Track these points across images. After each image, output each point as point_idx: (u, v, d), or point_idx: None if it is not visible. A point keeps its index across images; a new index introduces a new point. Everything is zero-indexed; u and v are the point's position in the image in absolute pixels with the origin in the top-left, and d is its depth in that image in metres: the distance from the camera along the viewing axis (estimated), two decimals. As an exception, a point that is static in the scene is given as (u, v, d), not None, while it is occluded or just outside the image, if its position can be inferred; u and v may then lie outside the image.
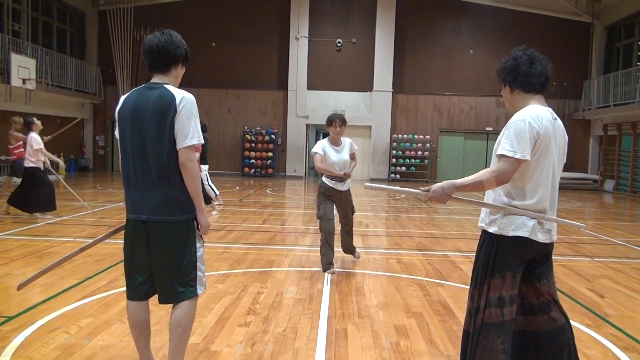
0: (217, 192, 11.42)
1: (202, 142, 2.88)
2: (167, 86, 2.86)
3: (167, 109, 2.77)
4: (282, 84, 21.73)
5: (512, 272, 2.68)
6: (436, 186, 2.74)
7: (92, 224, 8.64)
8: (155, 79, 2.93)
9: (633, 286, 5.65)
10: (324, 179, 5.86)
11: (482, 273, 2.75)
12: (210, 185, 11.15)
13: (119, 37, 20.98)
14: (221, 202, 11.52)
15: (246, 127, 21.75)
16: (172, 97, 2.79)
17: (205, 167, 11.10)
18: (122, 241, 2.95)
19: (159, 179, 2.80)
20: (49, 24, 19.82)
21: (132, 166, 2.85)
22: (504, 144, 2.60)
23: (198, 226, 2.94)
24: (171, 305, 2.92)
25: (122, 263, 3.01)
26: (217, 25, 21.75)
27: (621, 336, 4.06)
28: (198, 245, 2.95)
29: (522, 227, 2.65)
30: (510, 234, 2.66)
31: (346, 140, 5.88)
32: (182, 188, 2.83)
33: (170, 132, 2.77)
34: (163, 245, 2.84)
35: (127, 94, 2.96)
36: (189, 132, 2.79)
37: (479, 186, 2.65)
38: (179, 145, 2.78)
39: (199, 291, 2.95)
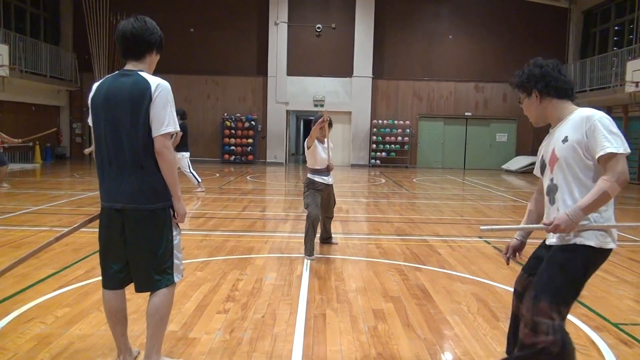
0: (200, 180, 11.37)
1: (178, 129, 2.87)
2: (141, 73, 2.83)
3: (142, 96, 2.74)
4: (262, 69, 21.57)
5: None
6: (560, 217, 2.50)
7: (70, 212, 8.54)
8: (129, 66, 2.90)
9: (605, 267, 5.74)
10: (311, 176, 6.05)
11: (572, 291, 2.55)
12: (192, 173, 11.10)
13: (94, 23, 20.58)
14: (204, 190, 11.47)
15: (226, 114, 21.59)
16: (147, 85, 2.76)
17: (186, 154, 11.03)
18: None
19: (134, 167, 2.78)
20: (22, 8, 19.35)
21: (107, 154, 2.82)
22: (605, 143, 2.40)
23: (174, 214, 2.93)
24: (149, 293, 2.92)
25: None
26: (196, 11, 21.46)
27: (592, 316, 4.16)
28: (174, 233, 2.95)
29: (614, 239, 2.56)
30: (608, 246, 2.54)
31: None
32: (157, 176, 2.82)
33: (145, 119, 2.75)
34: (139, 233, 2.82)
35: (100, 80, 2.92)
36: (165, 119, 2.77)
37: (605, 197, 2.43)
38: (155, 133, 2.76)
39: (175, 279, 2.95)
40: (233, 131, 21.50)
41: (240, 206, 9.76)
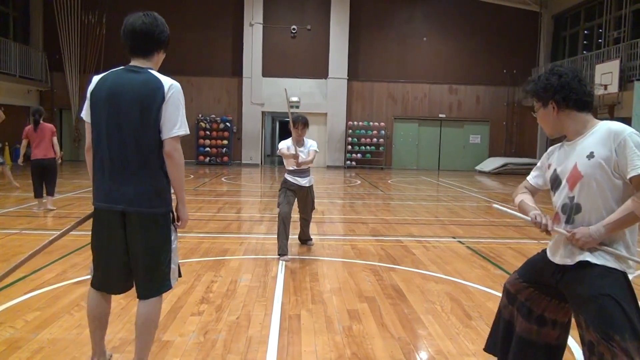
0: None
1: (189, 132, 2.78)
2: (152, 71, 2.74)
3: (154, 96, 2.64)
4: (237, 71, 21.47)
5: None
6: (582, 230, 2.34)
7: (41, 215, 8.38)
8: (136, 63, 2.79)
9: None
10: (286, 175, 6.04)
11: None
12: None
13: (65, 21, 20.18)
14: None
15: (200, 115, 21.41)
16: (159, 84, 2.67)
17: None
18: (76, 233, 2.83)
19: (139, 168, 2.67)
20: (-10, 6, 18.94)
21: (108, 153, 2.68)
22: (638, 162, 2.21)
23: (174, 218, 2.84)
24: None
25: (71, 255, 2.94)
26: (170, 11, 21.10)
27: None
28: (172, 237, 2.83)
29: (629, 267, 2.38)
30: (626, 270, 2.35)
31: (308, 141, 6.08)
32: (162, 178, 2.72)
33: (156, 120, 2.65)
34: (142, 237, 2.70)
35: (102, 75, 2.79)
36: (177, 121, 2.68)
37: (632, 219, 2.25)
38: (166, 135, 2.67)
39: (172, 283, 2.86)
40: (208, 132, 21.35)
41: (215, 207, 9.70)
